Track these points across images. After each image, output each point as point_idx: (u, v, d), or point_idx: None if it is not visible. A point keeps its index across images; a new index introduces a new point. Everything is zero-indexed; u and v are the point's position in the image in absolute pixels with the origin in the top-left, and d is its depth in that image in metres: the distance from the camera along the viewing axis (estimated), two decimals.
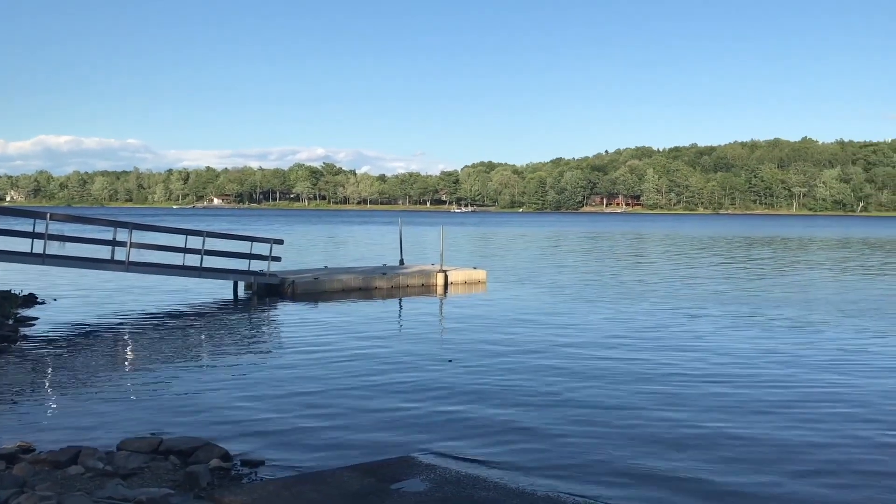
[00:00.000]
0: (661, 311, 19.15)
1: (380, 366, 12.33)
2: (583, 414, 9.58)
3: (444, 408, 9.80)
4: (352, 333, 15.40)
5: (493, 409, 9.72)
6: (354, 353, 13.40)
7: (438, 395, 10.42)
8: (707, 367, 12.46)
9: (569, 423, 9.19)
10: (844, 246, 54.60)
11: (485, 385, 11.03)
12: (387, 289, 23.35)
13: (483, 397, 10.33)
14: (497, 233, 77.17)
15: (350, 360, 12.72)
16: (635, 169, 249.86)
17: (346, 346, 13.96)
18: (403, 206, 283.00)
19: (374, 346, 14.03)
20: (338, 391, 10.60)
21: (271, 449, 8.10)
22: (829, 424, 9.20)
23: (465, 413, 9.56)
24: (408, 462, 7.67)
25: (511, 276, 28.18)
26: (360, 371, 11.91)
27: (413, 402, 10.04)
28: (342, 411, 9.59)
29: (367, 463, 7.62)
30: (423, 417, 9.36)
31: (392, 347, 14.01)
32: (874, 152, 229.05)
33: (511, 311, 19.14)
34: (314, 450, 8.12)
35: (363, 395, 10.43)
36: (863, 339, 15.32)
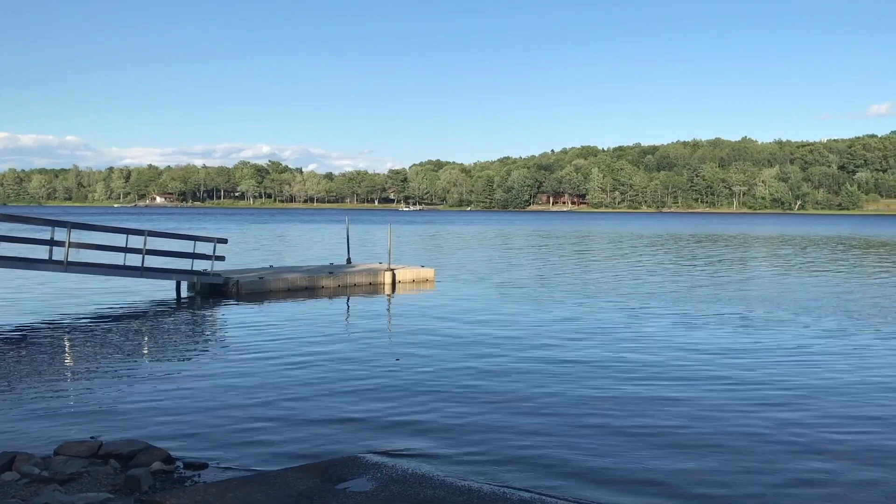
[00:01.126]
0: (608, 308, 19.44)
1: (326, 365, 12.26)
2: (528, 410, 9.67)
3: (391, 407, 9.79)
4: (297, 333, 15.26)
5: (440, 408, 9.75)
6: (300, 353, 13.29)
7: (385, 394, 10.41)
8: (649, 361, 12.69)
9: (515, 420, 9.27)
10: (784, 243, 56.12)
11: (432, 383, 11.06)
12: (333, 288, 23.20)
13: (430, 396, 10.35)
14: (445, 231, 77.31)
15: (296, 361, 12.61)
16: (581, 168, 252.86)
17: (291, 347, 13.84)
18: (351, 204, 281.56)
19: (320, 346, 13.94)
20: (283, 392, 10.50)
21: (215, 451, 7.99)
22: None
23: (412, 412, 9.57)
24: (354, 461, 7.65)
25: (459, 275, 28.27)
26: (305, 371, 11.83)
27: (360, 402, 10.01)
28: (288, 412, 9.51)
29: (312, 463, 7.58)
30: (370, 417, 9.34)
31: (338, 347, 13.94)
32: (811, 152, 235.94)
33: (458, 309, 19.20)
34: (259, 451, 8.03)
35: (309, 395, 10.36)
36: (807, 336, 15.78)
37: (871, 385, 11.21)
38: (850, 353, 13.62)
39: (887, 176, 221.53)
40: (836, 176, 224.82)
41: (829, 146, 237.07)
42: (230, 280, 21.71)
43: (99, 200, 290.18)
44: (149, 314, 18.04)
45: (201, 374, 11.61)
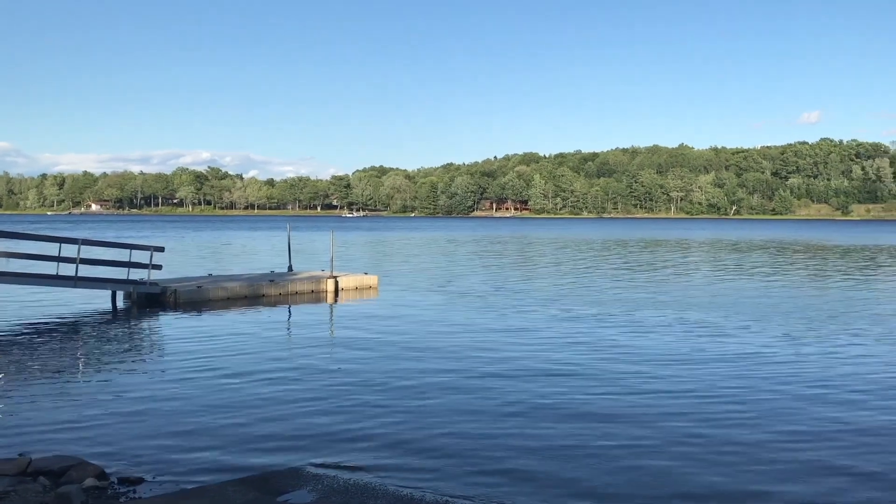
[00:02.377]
0: (552, 313, 19.62)
1: (266, 376, 12.09)
2: (471, 418, 9.69)
3: (332, 417, 9.70)
4: (237, 344, 15.02)
5: (382, 418, 9.70)
6: (239, 363, 13.08)
7: (326, 405, 10.31)
8: (592, 366, 12.85)
9: (457, 428, 9.28)
10: (718, 248, 57.53)
11: (373, 393, 11.00)
12: (275, 296, 22.91)
13: (372, 405, 10.29)
14: (389, 238, 77.11)
15: (235, 371, 12.41)
16: (523, 174, 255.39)
17: (230, 357, 13.61)
18: (293, 211, 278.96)
19: (260, 356, 13.74)
20: (221, 404, 10.32)
21: (151, 466, 7.80)
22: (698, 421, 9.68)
23: (353, 422, 9.50)
24: (294, 474, 7.56)
25: (403, 282, 28.22)
26: (245, 382, 11.64)
27: (300, 413, 9.89)
28: (226, 424, 9.34)
29: (252, 476, 7.46)
30: (311, 428, 9.24)
31: (279, 357, 13.76)
32: (745, 158, 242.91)
33: (402, 316, 19.17)
34: (197, 465, 7.87)
35: (249, 406, 10.20)
36: (747, 342, 16.18)
37: (802, 386, 11.57)
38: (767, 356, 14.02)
39: (818, 182, 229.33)
40: (770, 182, 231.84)
41: (763, 153, 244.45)
42: (168, 289, 21.26)
43: (31, 208, 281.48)
44: (82, 326, 17.53)
45: (136, 387, 11.33)
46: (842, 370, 12.76)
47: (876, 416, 9.95)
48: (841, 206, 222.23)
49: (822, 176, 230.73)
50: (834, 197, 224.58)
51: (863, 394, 11.12)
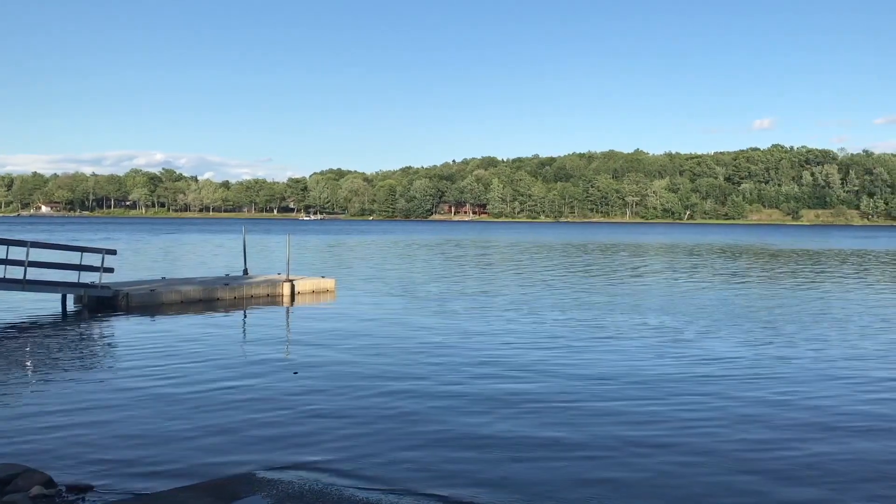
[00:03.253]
0: (507, 315, 19.72)
1: (221, 380, 11.94)
2: (426, 420, 9.69)
3: (288, 421, 9.62)
4: (190, 348, 14.80)
5: (338, 421, 9.65)
6: (192, 368, 12.90)
7: (282, 409, 10.22)
8: (549, 366, 12.95)
9: (413, 430, 9.27)
10: (676, 252, 58.43)
11: (330, 396, 10.93)
12: (230, 300, 22.64)
13: (328, 409, 10.23)
14: (347, 241, 76.73)
15: (187, 376, 12.23)
16: (481, 178, 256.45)
17: (183, 362, 13.41)
18: (249, 213, 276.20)
19: (214, 360, 13.56)
20: (174, 409, 10.16)
21: (101, 473, 7.64)
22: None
23: (309, 426, 9.43)
24: (249, 479, 7.48)
25: (360, 285, 28.11)
26: (198, 387, 11.47)
27: (256, 417, 9.79)
28: (179, 430, 9.19)
29: (205, 482, 7.37)
30: (266, 432, 9.14)
31: (234, 361, 13.60)
32: (699, 164, 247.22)
33: (359, 319, 19.09)
34: (148, 472, 7.73)
35: (202, 411, 10.06)
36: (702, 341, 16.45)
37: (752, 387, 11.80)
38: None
39: (769, 187, 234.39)
40: (723, 187, 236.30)
41: (716, 158, 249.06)
42: (120, 293, 20.88)
43: None
44: (31, 330, 17.11)
45: (85, 393, 11.09)
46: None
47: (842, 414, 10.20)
48: (791, 211, 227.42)
49: (773, 181, 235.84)
50: (785, 202, 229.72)
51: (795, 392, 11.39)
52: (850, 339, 16.53)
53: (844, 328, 18.19)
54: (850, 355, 14.65)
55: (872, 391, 11.68)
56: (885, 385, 12.11)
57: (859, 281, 32.50)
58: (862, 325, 18.82)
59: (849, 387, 11.95)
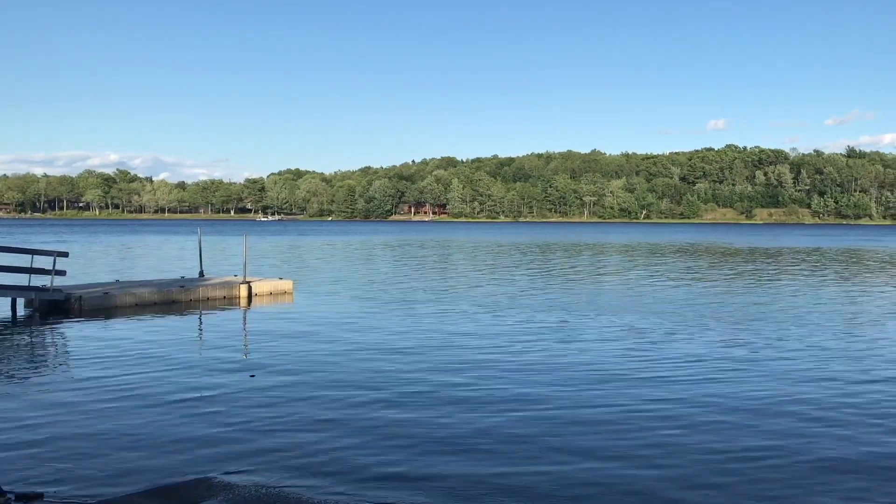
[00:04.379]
0: (467, 315, 19.78)
1: (176, 384, 11.79)
2: (385, 424, 9.69)
3: (245, 425, 9.54)
4: (145, 351, 14.59)
5: (296, 425, 9.59)
6: (147, 372, 12.71)
7: (239, 412, 10.13)
8: (504, 365, 13.03)
9: (370, 433, 9.26)
10: (636, 251, 59.17)
11: (287, 399, 10.86)
12: (185, 302, 22.34)
13: (285, 412, 10.17)
14: (305, 242, 76.16)
15: (142, 380, 12.05)
16: (441, 179, 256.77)
17: (137, 366, 13.21)
18: (205, 214, 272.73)
19: (170, 364, 13.38)
20: (129, 414, 10.00)
21: (52, 481, 7.50)
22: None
23: (266, 429, 9.36)
24: (204, 483, 7.41)
25: (319, 287, 27.95)
26: (154, 391, 11.32)
27: (212, 421, 9.69)
28: (134, 435, 9.06)
29: (160, 487, 7.29)
30: (223, 436, 9.06)
31: (190, 364, 13.43)
32: (654, 164, 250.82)
33: (317, 321, 18.99)
34: (101, 478, 7.61)
35: (157, 415, 9.92)
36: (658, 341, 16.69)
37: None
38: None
39: (723, 187, 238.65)
40: (678, 187, 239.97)
41: (672, 159, 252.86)
42: (72, 296, 20.47)
43: None
44: None
45: (37, 399, 10.86)
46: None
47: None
48: (745, 210, 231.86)
49: (727, 181, 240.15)
50: (738, 201, 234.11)
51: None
52: (815, 336, 16.93)
53: (808, 324, 18.62)
54: (813, 348, 15.02)
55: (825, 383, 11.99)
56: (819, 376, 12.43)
57: (821, 278, 33.25)
58: (826, 321, 19.28)
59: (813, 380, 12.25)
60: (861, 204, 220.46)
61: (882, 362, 14.00)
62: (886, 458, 8.46)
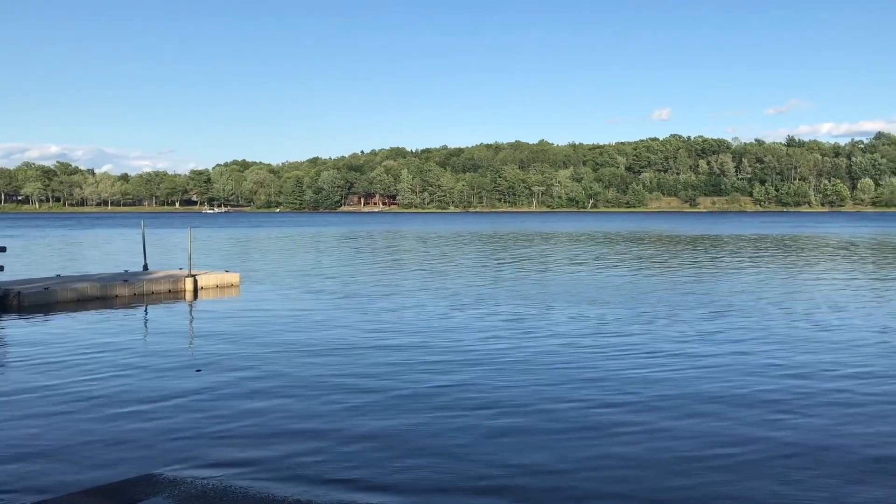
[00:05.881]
0: (413, 307, 19.80)
1: (119, 380, 11.56)
2: (332, 417, 9.66)
3: (191, 420, 9.41)
4: (87, 347, 14.27)
5: (242, 419, 9.50)
6: (89, 368, 12.44)
7: (184, 408, 9.98)
8: (464, 360, 13.10)
9: (317, 427, 9.23)
10: (586, 240, 59.85)
11: (233, 394, 10.75)
12: (129, 297, 21.90)
13: (231, 407, 10.06)
14: (253, 234, 75.25)
15: (85, 377, 11.78)
16: (391, 169, 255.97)
17: (79, 361, 12.92)
18: (150, 207, 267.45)
19: (111, 359, 13.11)
20: (69, 412, 9.78)
21: None
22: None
23: (212, 424, 9.25)
24: (150, 480, 7.31)
25: (266, 279, 27.66)
26: (96, 387, 11.08)
27: (157, 416, 9.54)
28: (75, 433, 8.86)
29: (103, 485, 7.15)
30: (168, 431, 8.93)
31: (134, 359, 13.19)
32: (601, 154, 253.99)
33: (264, 314, 18.80)
34: (42, 478, 7.44)
35: (100, 413, 9.73)
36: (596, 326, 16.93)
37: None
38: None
39: (668, 176, 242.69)
40: (624, 176, 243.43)
41: (618, 148, 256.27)
42: (10, 292, 19.89)
43: None
44: None
45: None
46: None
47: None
48: (689, 198, 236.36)
49: (672, 170, 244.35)
50: (683, 190, 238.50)
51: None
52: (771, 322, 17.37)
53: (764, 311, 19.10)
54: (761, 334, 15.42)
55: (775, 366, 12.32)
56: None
57: (762, 265, 34.10)
58: (780, 306, 19.79)
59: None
60: (800, 192, 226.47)
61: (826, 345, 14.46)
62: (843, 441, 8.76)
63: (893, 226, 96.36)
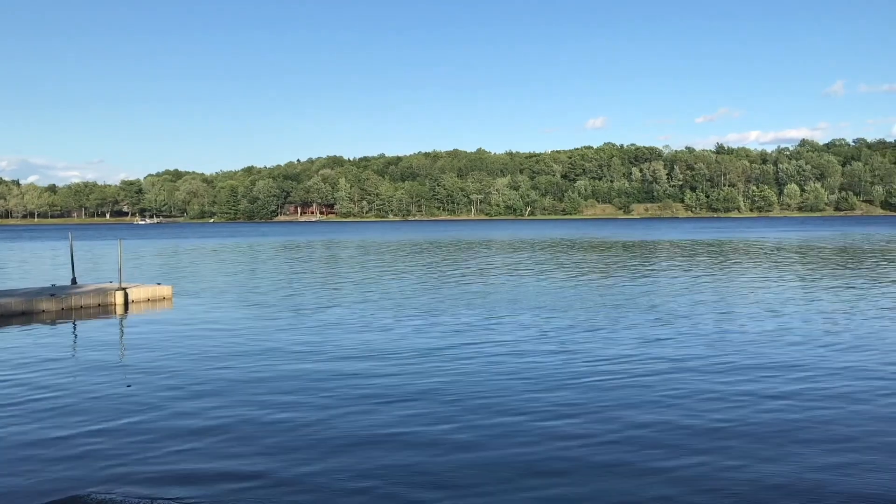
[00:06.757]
0: (348, 318, 19.71)
1: (45, 397, 11.21)
2: (262, 431, 9.56)
3: (121, 437, 9.19)
4: (10, 364, 13.79)
5: (172, 434, 9.33)
6: (14, 385, 12.04)
7: (115, 424, 9.74)
8: (384, 367, 13.09)
9: (249, 441, 9.13)
10: (518, 248, 60.40)
11: (164, 409, 10.54)
12: (56, 311, 21.24)
13: (163, 422, 9.86)
14: (185, 245, 73.74)
15: (9, 395, 11.39)
16: (328, 178, 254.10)
17: (2, 380, 12.46)
18: (79, 219, 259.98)
19: (39, 378, 12.69)
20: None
21: None
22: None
23: (144, 441, 9.06)
24: (78, 502, 7.10)
25: (199, 291, 27.14)
26: (22, 406, 10.73)
27: (86, 434, 9.29)
28: (1, 456, 8.56)
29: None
30: (97, 450, 8.70)
31: (62, 376, 12.80)
32: (537, 162, 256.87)
33: (196, 328, 18.46)
34: None
35: (23, 432, 9.42)
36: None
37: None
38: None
39: (602, 183, 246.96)
40: (560, 184, 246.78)
41: (554, 157, 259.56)
42: None
43: None
44: None
45: None
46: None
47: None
48: (623, 205, 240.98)
49: (606, 178, 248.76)
50: (617, 197, 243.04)
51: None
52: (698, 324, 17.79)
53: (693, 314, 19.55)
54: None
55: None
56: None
57: (697, 269, 34.96)
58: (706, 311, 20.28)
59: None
60: (730, 197, 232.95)
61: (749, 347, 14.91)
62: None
63: (818, 230, 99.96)
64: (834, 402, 10.61)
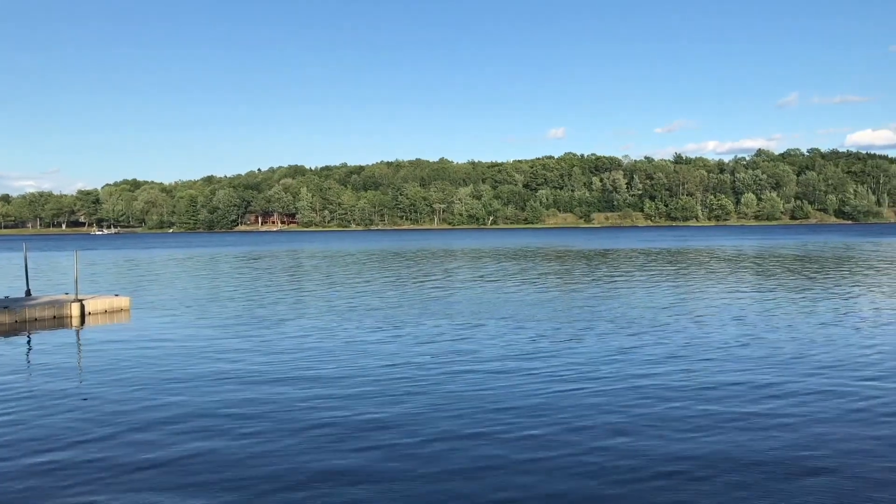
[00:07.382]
0: (306, 329, 19.61)
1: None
2: (221, 449, 9.48)
3: (78, 451, 9.06)
4: None
5: (132, 449, 9.21)
6: None
7: (71, 438, 9.59)
8: (344, 378, 13.06)
9: (211, 448, 9.06)
10: (481, 256, 60.59)
11: (122, 423, 10.40)
12: (9, 324, 20.80)
13: (121, 437, 9.73)
14: (145, 256, 72.63)
15: None
16: (289, 187, 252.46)
17: None
18: (34, 229, 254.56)
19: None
20: None
21: None
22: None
23: (100, 455, 8.93)
24: None
25: (158, 303, 26.77)
26: None
27: (43, 449, 9.15)
28: None
29: None
30: (54, 464, 8.57)
31: (14, 391, 12.54)
32: (499, 172, 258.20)
33: (154, 340, 18.22)
34: None
35: None
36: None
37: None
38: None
39: (563, 193, 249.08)
40: (522, 193, 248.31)
41: (515, 166, 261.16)
42: None
43: None
44: None
45: None
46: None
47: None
48: (584, 214, 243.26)
49: (567, 187, 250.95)
50: (578, 206, 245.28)
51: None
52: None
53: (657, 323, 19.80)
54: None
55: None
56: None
57: (657, 277, 35.41)
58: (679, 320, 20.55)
59: None
60: (688, 206, 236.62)
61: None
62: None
63: (774, 238, 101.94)
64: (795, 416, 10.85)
